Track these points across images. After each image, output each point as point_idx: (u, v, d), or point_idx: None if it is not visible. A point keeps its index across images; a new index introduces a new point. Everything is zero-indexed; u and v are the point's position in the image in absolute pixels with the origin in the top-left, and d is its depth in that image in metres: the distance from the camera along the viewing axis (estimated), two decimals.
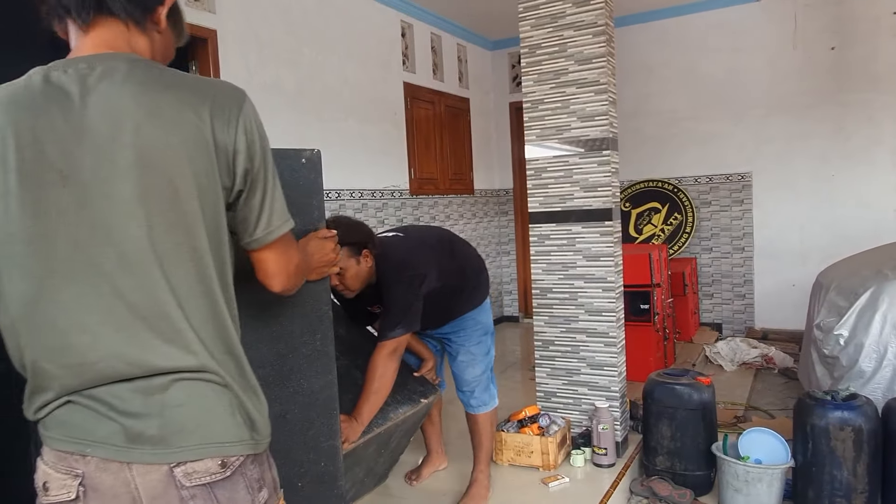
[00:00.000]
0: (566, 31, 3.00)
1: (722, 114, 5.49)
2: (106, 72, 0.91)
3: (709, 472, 2.77)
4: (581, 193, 3.03)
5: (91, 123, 0.89)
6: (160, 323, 0.91)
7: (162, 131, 0.90)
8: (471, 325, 2.63)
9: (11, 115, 0.90)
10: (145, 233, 0.90)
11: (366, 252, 2.28)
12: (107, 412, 0.92)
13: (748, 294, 5.55)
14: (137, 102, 0.90)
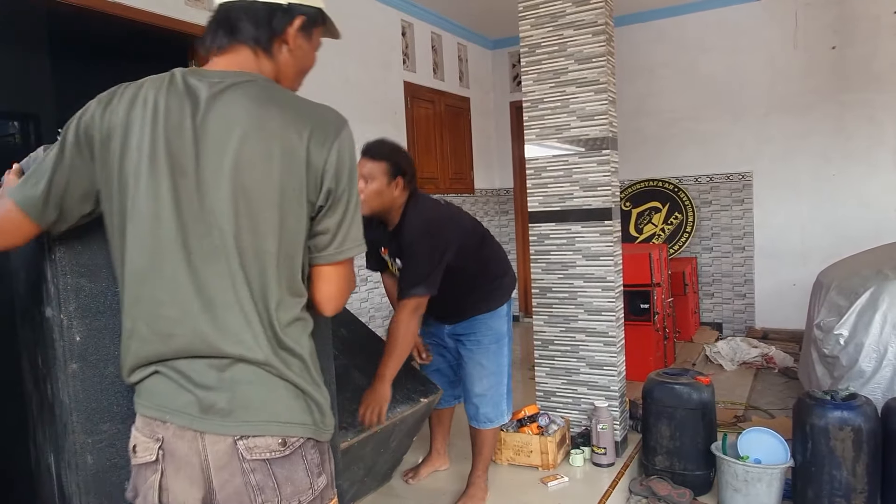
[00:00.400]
0: (566, 30, 3.00)
1: (722, 113, 5.49)
2: (230, 86, 1.04)
3: (708, 472, 2.77)
4: (581, 193, 3.03)
5: (210, 127, 1.01)
6: (235, 313, 1.00)
7: (263, 144, 1.01)
8: (482, 329, 2.52)
9: (154, 103, 1.02)
10: (232, 229, 1.00)
11: (400, 180, 2.23)
12: (185, 384, 1.01)
13: (748, 293, 5.54)
14: (249, 114, 1.01)
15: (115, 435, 1.14)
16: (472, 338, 2.53)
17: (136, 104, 1.02)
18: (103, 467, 1.12)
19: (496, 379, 2.53)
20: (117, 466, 1.14)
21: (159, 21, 3.16)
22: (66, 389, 1.10)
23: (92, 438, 1.11)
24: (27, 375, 1.43)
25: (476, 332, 2.52)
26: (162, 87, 1.03)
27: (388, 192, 2.22)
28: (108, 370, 1.14)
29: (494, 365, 2.53)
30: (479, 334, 2.52)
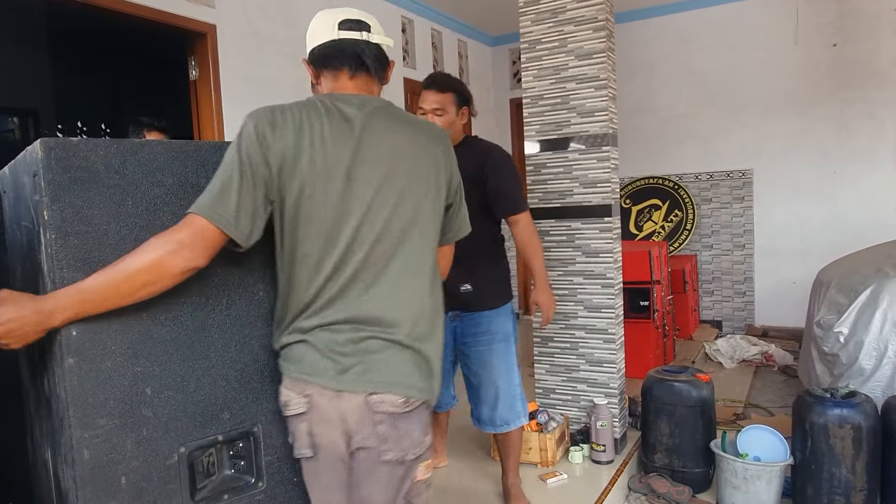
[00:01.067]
0: (566, 26, 2.99)
1: (722, 110, 5.48)
2: (375, 109, 1.33)
3: (707, 470, 2.77)
4: (580, 189, 3.02)
5: (371, 140, 1.28)
6: (396, 287, 1.29)
7: (422, 153, 1.36)
8: (489, 327, 2.42)
9: (320, 127, 1.25)
10: (396, 217, 1.29)
11: (465, 110, 2.38)
12: (327, 352, 1.24)
13: (748, 291, 5.54)
14: (399, 131, 1.34)
15: (112, 430, 1.13)
16: (480, 338, 2.43)
17: (304, 130, 1.23)
18: (100, 462, 1.12)
19: (507, 379, 2.45)
20: (114, 461, 1.14)
21: (159, 17, 3.15)
22: (62, 384, 1.09)
23: (89, 433, 1.11)
24: (24, 371, 1.43)
25: (483, 332, 2.43)
26: (321, 114, 1.26)
27: (457, 123, 2.34)
28: (105, 365, 1.13)
29: (504, 365, 2.44)
30: (488, 333, 2.43)
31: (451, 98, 2.33)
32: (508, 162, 2.40)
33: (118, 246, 1.14)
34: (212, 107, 3.42)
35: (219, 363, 1.27)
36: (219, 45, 3.45)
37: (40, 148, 1.07)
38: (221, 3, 3.48)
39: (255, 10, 3.69)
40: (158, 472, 1.19)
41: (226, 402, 1.28)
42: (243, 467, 1.31)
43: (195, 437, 1.24)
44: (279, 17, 3.84)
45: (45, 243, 1.08)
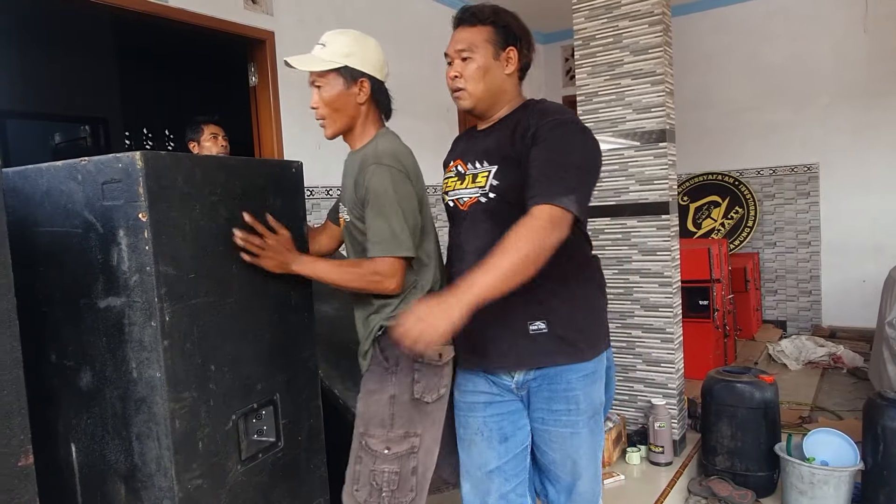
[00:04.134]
0: (621, 21, 2.95)
1: (786, 103, 5.29)
2: None
3: (771, 474, 2.69)
4: (636, 187, 2.98)
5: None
6: None
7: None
8: (568, 393, 1.55)
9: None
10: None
11: (512, 50, 1.57)
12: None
13: (815, 290, 5.33)
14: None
15: (193, 402, 1.32)
16: (560, 415, 1.57)
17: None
18: (186, 430, 1.30)
19: (593, 472, 1.64)
20: (194, 428, 1.33)
21: (220, 25, 3.26)
22: (158, 364, 1.26)
23: (178, 405, 1.29)
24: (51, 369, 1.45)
25: (563, 404, 1.57)
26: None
27: (496, 72, 1.57)
28: (186, 346, 1.31)
29: (591, 453, 1.62)
30: (571, 407, 1.56)
31: (485, 34, 1.55)
32: (561, 129, 1.47)
33: (192, 242, 1.34)
34: (270, 112, 3.53)
35: (255, 343, 1.50)
36: (277, 52, 3.55)
37: (139, 159, 1.25)
38: (279, 11, 3.58)
39: (310, 16, 3.78)
40: (221, 436, 1.39)
41: (259, 376, 1.51)
42: (265, 431, 1.54)
43: (240, 406, 1.45)
44: (333, 23, 3.92)
45: (141, 242, 1.25)
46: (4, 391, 1.10)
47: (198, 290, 1.35)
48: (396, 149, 1.59)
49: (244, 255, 1.45)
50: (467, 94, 1.59)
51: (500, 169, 1.54)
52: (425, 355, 1.54)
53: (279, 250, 1.50)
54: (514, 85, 1.62)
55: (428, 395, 1.58)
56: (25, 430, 1.13)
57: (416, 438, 1.57)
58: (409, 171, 1.57)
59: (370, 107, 1.66)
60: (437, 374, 1.60)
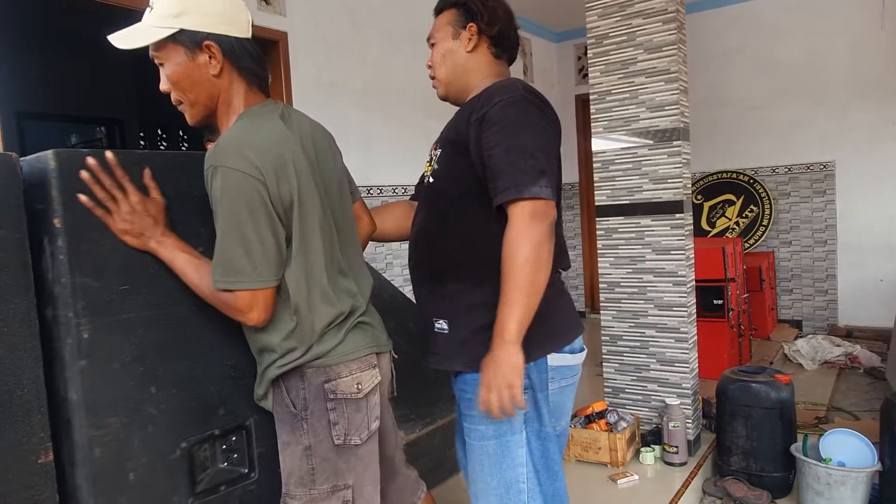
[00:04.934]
0: (635, 19, 2.94)
1: (801, 100, 5.24)
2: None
3: (787, 474, 2.67)
4: (650, 186, 2.96)
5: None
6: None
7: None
8: (465, 405, 1.48)
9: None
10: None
11: (471, 27, 1.51)
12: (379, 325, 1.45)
13: (831, 289, 5.27)
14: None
15: (120, 428, 1.18)
16: (466, 422, 1.50)
17: None
18: (111, 460, 1.17)
19: (495, 498, 1.45)
20: (123, 458, 1.19)
21: None
22: (73, 386, 1.14)
23: (100, 432, 1.15)
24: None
25: (467, 414, 1.48)
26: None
27: (458, 52, 1.52)
28: (114, 366, 1.18)
29: (494, 479, 1.44)
30: (471, 419, 1.46)
31: (446, 17, 1.54)
32: (514, 109, 1.36)
33: (125, 250, 1.20)
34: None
35: (215, 362, 1.33)
36: (290, 52, 3.57)
37: (52, 158, 1.11)
38: (292, 12, 3.60)
39: (324, 16, 3.79)
40: (163, 467, 1.24)
41: (221, 399, 1.34)
42: (236, 459, 1.37)
43: (195, 432, 1.29)
44: (347, 23, 3.93)
45: (56, 250, 1.13)
46: (25, 389, 1.12)
47: (133, 303, 1.20)
48: (247, 138, 1.20)
49: (96, 210, 1.16)
50: (437, 81, 1.57)
51: (443, 153, 1.50)
52: (338, 389, 1.28)
53: (141, 215, 1.19)
54: (484, 64, 1.53)
55: (354, 435, 1.29)
56: (45, 428, 1.14)
57: (346, 491, 1.29)
58: (265, 167, 1.17)
59: (232, 77, 1.27)
60: (360, 409, 1.30)
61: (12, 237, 1.10)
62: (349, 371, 1.29)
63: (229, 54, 1.25)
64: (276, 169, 1.19)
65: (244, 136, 1.21)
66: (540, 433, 1.44)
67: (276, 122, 1.27)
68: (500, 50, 1.55)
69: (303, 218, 1.24)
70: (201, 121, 1.32)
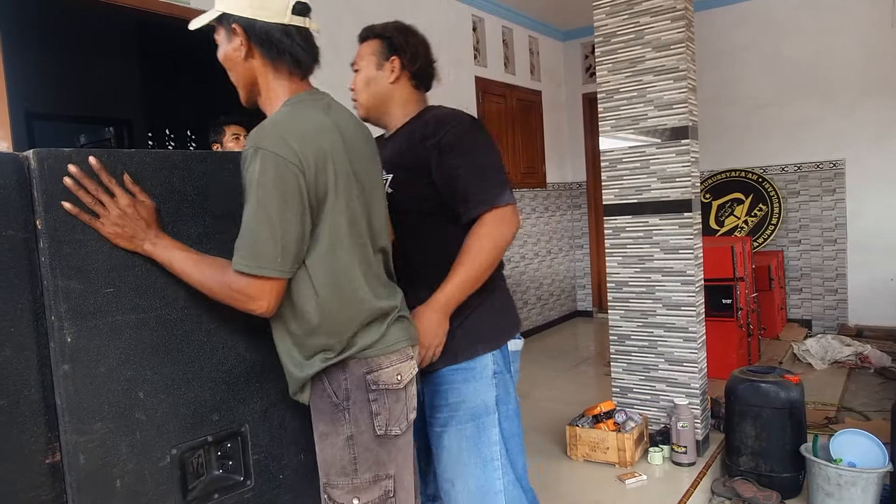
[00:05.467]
0: (643, 17, 2.92)
1: (811, 98, 5.20)
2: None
3: (797, 475, 2.65)
4: (658, 185, 2.95)
5: None
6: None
7: None
8: (443, 396, 1.60)
9: None
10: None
11: (395, 60, 1.65)
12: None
13: (841, 289, 5.24)
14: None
15: (107, 434, 1.16)
16: (438, 413, 1.62)
17: None
18: (96, 466, 1.15)
19: (478, 482, 1.59)
20: (109, 465, 1.16)
21: None
22: (57, 391, 1.12)
23: (84, 438, 1.13)
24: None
25: (442, 404, 1.62)
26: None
27: (380, 82, 1.66)
28: (99, 370, 1.15)
29: (472, 458, 1.59)
30: (446, 407, 1.61)
31: (371, 47, 1.69)
32: (467, 135, 1.56)
33: (111, 251, 1.17)
34: None
35: (208, 366, 1.30)
36: None
37: (33, 158, 1.09)
38: None
39: (330, 17, 3.80)
40: (152, 474, 1.21)
41: (214, 404, 1.30)
42: (231, 467, 1.34)
43: (186, 438, 1.26)
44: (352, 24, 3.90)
45: (39, 251, 1.11)
46: (31, 389, 1.12)
47: (119, 305, 1.17)
48: (290, 125, 1.21)
49: (82, 216, 1.13)
50: (359, 104, 1.71)
51: (395, 177, 1.62)
52: (379, 380, 1.29)
53: (132, 218, 1.16)
54: (405, 94, 1.69)
55: (395, 426, 1.31)
56: (53, 429, 1.14)
57: (388, 481, 1.30)
58: (305, 156, 1.18)
59: (263, 61, 1.29)
60: (400, 400, 1.32)
61: (18, 237, 1.10)
62: (390, 362, 1.32)
63: (255, 38, 1.26)
64: (316, 159, 1.20)
65: (287, 123, 1.22)
66: (508, 412, 1.64)
67: (320, 112, 1.28)
68: (419, 82, 1.71)
69: (337, 212, 1.24)
70: (247, 103, 1.37)
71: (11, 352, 1.08)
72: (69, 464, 1.12)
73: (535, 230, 5.92)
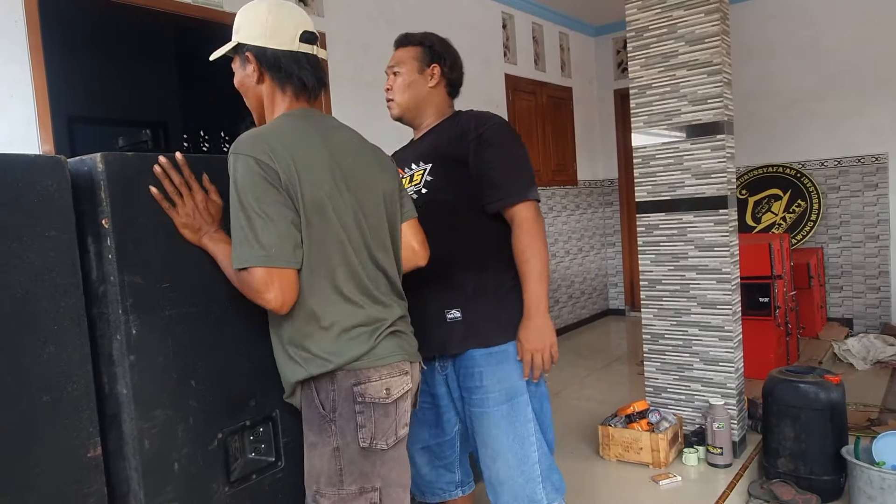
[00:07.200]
0: (676, 10, 2.87)
1: (851, 91, 5.05)
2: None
3: (838, 478, 2.58)
4: (693, 181, 2.90)
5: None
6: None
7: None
8: (484, 378, 1.70)
9: None
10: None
11: (435, 67, 1.81)
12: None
13: (884, 287, 5.08)
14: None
15: (166, 420, 1.23)
16: (473, 395, 1.73)
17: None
18: (158, 451, 1.22)
19: (517, 457, 1.71)
20: (168, 449, 1.24)
21: None
22: (124, 380, 1.18)
23: (148, 424, 1.20)
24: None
25: (476, 386, 1.72)
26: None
27: (420, 86, 1.80)
28: (158, 361, 1.23)
29: (510, 436, 1.70)
30: (480, 390, 1.72)
31: (412, 52, 1.81)
32: (505, 132, 1.73)
33: (165, 249, 1.24)
34: (321, 110, 3.59)
35: (245, 357, 1.39)
36: (328, 51, 3.59)
37: (100, 161, 1.17)
38: (330, 12, 3.64)
39: (360, 16, 3.82)
40: (203, 457, 1.29)
41: (251, 392, 1.40)
42: (263, 450, 1.43)
43: (229, 423, 1.35)
44: (383, 22, 3.95)
45: (104, 249, 1.17)
46: (75, 385, 1.15)
47: (173, 300, 1.25)
48: (268, 131, 1.28)
49: (163, 203, 1.24)
50: (395, 103, 1.84)
51: (434, 166, 1.74)
52: (366, 393, 1.30)
53: (202, 213, 1.27)
54: (441, 97, 1.85)
55: (381, 440, 1.31)
56: (94, 423, 1.17)
57: (373, 493, 1.32)
58: (278, 155, 1.23)
59: (272, 85, 1.38)
60: (389, 415, 1.32)
61: (62, 238, 1.14)
62: (379, 376, 1.32)
63: (266, 64, 1.36)
64: (292, 161, 1.24)
65: (265, 129, 1.30)
66: (537, 392, 1.76)
67: (303, 123, 1.34)
68: (452, 90, 1.89)
69: (322, 219, 1.28)
70: (259, 125, 1.43)
71: (55, 349, 1.12)
72: (134, 449, 1.19)
73: (567, 228, 5.87)
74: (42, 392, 1.10)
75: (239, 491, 1.36)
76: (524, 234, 1.65)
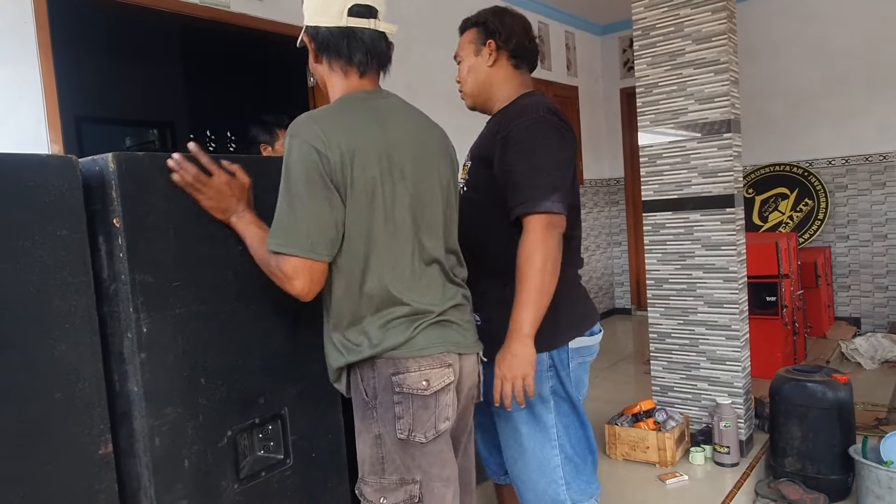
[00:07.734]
0: (683, 9, 2.87)
1: (859, 89, 5.03)
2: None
3: (845, 477, 2.57)
4: (699, 180, 2.89)
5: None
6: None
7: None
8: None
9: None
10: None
11: (491, 43, 1.68)
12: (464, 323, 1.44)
13: (892, 286, 5.06)
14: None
15: (176, 418, 1.24)
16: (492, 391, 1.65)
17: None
18: (168, 448, 1.23)
19: (537, 459, 1.69)
20: (178, 446, 1.24)
21: (278, 27, 3.33)
22: (135, 378, 1.19)
23: (158, 421, 1.21)
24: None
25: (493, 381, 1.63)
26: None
27: (480, 67, 1.70)
28: (168, 359, 1.23)
29: (531, 441, 1.68)
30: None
31: (469, 36, 1.72)
32: (532, 132, 1.54)
33: (176, 248, 1.25)
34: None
35: (254, 355, 1.39)
36: None
37: (111, 161, 1.17)
38: None
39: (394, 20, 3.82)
40: (213, 454, 1.30)
41: (260, 389, 1.40)
42: (272, 447, 1.44)
43: (238, 421, 1.36)
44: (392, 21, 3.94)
45: (115, 248, 1.18)
46: (86, 383, 1.16)
47: (183, 298, 1.26)
48: (324, 115, 1.27)
49: (187, 188, 1.25)
50: (464, 93, 1.76)
51: (472, 165, 1.70)
52: (404, 383, 1.28)
53: (225, 192, 1.27)
54: (505, 75, 1.70)
55: (419, 433, 1.28)
56: (105, 421, 1.18)
57: (413, 486, 1.30)
58: (330, 143, 1.21)
59: (330, 62, 1.35)
60: (428, 407, 1.28)
61: (73, 237, 1.15)
62: (418, 366, 1.29)
63: (317, 43, 1.35)
64: (343, 149, 1.22)
65: (322, 113, 1.28)
66: (566, 398, 1.69)
67: (363, 108, 1.31)
68: (519, 61, 1.72)
69: (371, 208, 1.26)
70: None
71: (66, 347, 1.13)
72: (145, 447, 1.20)
73: None
74: (54, 390, 1.11)
75: (248, 488, 1.37)
76: (523, 250, 1.50)
